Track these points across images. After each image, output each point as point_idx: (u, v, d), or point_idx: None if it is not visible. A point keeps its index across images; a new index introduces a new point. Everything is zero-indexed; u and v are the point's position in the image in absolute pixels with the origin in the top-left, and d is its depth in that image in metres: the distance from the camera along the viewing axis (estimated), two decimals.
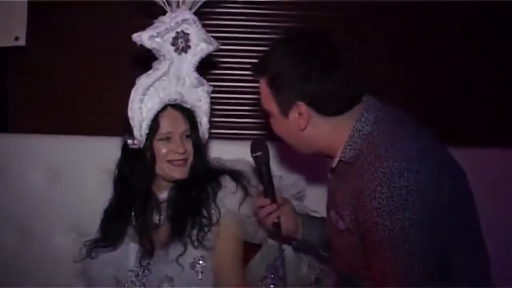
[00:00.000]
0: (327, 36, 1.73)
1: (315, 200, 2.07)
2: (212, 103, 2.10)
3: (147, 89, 1.98)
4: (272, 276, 1.92)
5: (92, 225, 2.09)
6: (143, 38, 1.98)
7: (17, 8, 2.50)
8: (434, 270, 1.55)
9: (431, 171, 1.55)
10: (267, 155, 1.87)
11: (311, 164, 2.24)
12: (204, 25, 2.05)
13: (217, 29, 2.39)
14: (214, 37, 2.07)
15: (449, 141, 1.73)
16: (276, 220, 1.84)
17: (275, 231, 1.86)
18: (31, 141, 2.43)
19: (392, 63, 2.49)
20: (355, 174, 1.63)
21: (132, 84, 2.07)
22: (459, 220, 1.60)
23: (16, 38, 2.52)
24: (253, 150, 1.86)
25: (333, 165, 1.74)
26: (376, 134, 1.64)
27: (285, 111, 1.71)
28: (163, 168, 1.98)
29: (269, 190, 1.86)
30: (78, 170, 2.39)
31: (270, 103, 1.75)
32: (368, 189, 1.56)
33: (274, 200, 1.86)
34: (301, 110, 1.68)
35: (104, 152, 2.29)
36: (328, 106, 1.68)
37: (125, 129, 2.01)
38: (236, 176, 2.02)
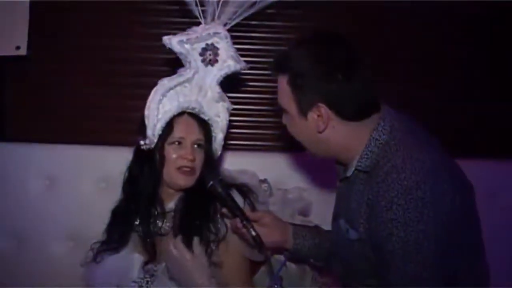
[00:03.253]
0: (350, 40, 1.72)
1: (321, 213, 2.06)
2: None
3: (167, 91, 1.97)
4: (276, 286, 1.83)
5: (89, 233, 2.06)
6: (173, 41, 1.99)
7: (18, 18, 2.48)
8: (443, 282, 1.55)
9: (445, 183, 1.56)
10: (219, 181, 1.88)
11: (318, 177, 2.27)
12: None
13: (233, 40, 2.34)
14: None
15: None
16: (253, 234, 1.79)
17: (256, 245, 1.81)
18: (30, 149, 2.41)
19: (391, 74, 2.52)
20: (370, 183, 1.63)
21: (132, 93, 2.18)
22: (467, 233, 1.61)
23: (17, 48, 2.49)
24: (206, 184, 1.89)
25: (348, 174, 1.73)
26: (393, 144, 1.63)
27: (304, 111, 1.69)
28: (170, 173, 1.96)
29: (235, 211, 1.85)
30: (76, 179, 2.38)
31: (288, 102, 1.72)
32: (385, 199, 1.56)
33: (243, 217, 1.82)
34: (321, 112, 1.66)
35: (102, 161, 2.32)
36: (349, 110, 1.66)
37: (139, 130, 1.99)
38: (245, 191, 1.99)
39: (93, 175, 2.36)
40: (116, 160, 2.04)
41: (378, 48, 2.51)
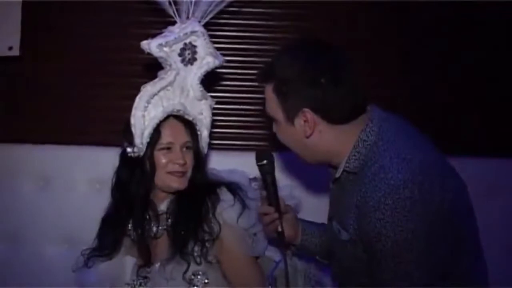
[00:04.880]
0: (333, 44, 1.73)
1: (312, 211, 2.08)
2: (214, 114, 2.12)
3: (152, 98, 1.98)
4: (270, 286, 1.91)
5: (84, 235, 2.06)
6: (151, 46, 1.99)
7: (10, 18, 2.49)
8: (435, 280, 1.56)
9: (434, 182, 1.56)
10: (272, 164, 1.86)
11: (308, 176, 2.28)
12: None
13: (220, 40, 2.41)
14: (217, 48, 2.08)
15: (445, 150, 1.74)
16: (279, 229, 1.82)
17: (278, 239, 1.84)
18: (23, 150, 2.41)
19: (389, 71, 2.52)
20: (359, 184, 1.63)
21: (125, 93, 2.11)
22: (459, 231, 1.61)
23: (10, 48, 2.51)
24: (258, 159, 1.86)
25: (337, 175, 1.74)
26: (381, 144, 1.64)
27: (291, 118, 1.70)
28: (162, 178, 1.97)
29: (273, 199, 1.85)
30: (70, 180, 2.38)
31: (275, 110, 1.73)
32: (372, 199, 1.57)
33: (278, 209, 1.85)
34: (307, 117, 1.67)
35: (96, 162, 2.32)
36: (334, 113, 1.67)
37: (124, 137, 1.99)
38: (234, 188, 2.00)
39: (88, 176, 2.36)
40: (110, 161, 2.05)
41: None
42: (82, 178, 2.38)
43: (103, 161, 2.16)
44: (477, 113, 2.56)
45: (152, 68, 2.15)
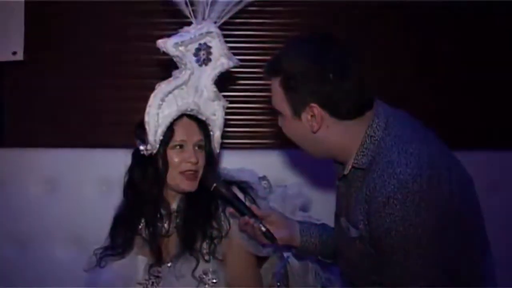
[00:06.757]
0: (341, 39, 1.73)
1: (321, 209, 2.09)
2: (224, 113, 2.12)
3: (166, 96, 1.98)
4: (279, 284, 1.91)
5: (92, 236, 2.07)
6: (167, 45, 1.99)
7: (14, 23, 2.52)
8: (444, 275, 1.55)
9: (442, 176, 1.57)
10: (221, 182, 1.93)
11: (316, 173, 2.30)
12: None
13: (231, 39, 2.37)
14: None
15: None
16: (263, 229, 1.84)
17: (268, 240, 1.86)
18: (29, 154, 2.42)
19: (391, 66, 2.55)
20: (367, 180, 1.64)
21: (133, 95, 2.16)
22: (468, 225, 1.60)
23: (14, 53, 2.53)
24: (209, 186, 1.93)
25: (346, 172, 1.74)
26: (388, 140, 1.64)
27: (297, 112, 1.69)
28: (174, 178, 1.97)
29: (242, 209, 1.90)
30: (77, 182, 2.38)
31: (282, 104, 1.73)
32: (382, 194, 1.57)
33: (252, 215, 1.88)
34: (314, 112, 1.66)
35: (103, 164, 2.36)
36: (342, 109, 1.66)
37: (137, 135, 1.99)
38: (245, 187, 2.02)
39: (95, 178, 2.37)
40: (116, 162, 2.04)
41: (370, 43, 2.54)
42: (90, 180, 2.39)
43: (111, 163, 2.17)
44: (480, 106, 2.60)
45: (163, 69, 2.16)
